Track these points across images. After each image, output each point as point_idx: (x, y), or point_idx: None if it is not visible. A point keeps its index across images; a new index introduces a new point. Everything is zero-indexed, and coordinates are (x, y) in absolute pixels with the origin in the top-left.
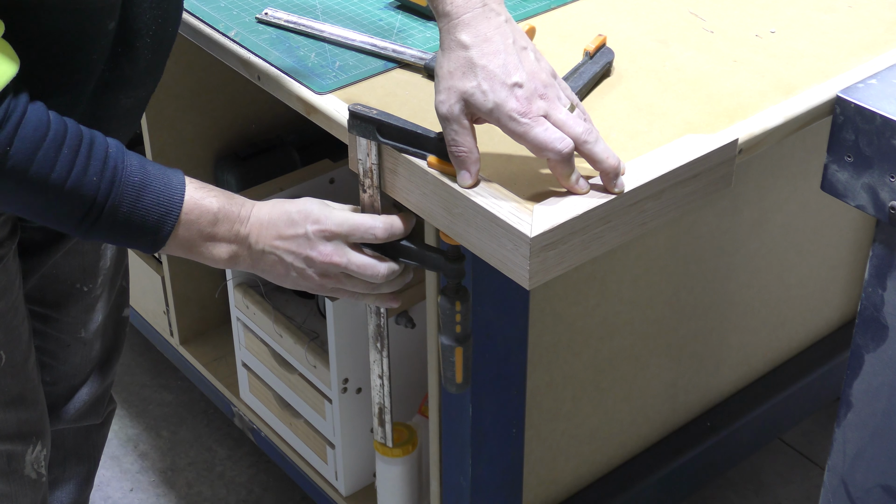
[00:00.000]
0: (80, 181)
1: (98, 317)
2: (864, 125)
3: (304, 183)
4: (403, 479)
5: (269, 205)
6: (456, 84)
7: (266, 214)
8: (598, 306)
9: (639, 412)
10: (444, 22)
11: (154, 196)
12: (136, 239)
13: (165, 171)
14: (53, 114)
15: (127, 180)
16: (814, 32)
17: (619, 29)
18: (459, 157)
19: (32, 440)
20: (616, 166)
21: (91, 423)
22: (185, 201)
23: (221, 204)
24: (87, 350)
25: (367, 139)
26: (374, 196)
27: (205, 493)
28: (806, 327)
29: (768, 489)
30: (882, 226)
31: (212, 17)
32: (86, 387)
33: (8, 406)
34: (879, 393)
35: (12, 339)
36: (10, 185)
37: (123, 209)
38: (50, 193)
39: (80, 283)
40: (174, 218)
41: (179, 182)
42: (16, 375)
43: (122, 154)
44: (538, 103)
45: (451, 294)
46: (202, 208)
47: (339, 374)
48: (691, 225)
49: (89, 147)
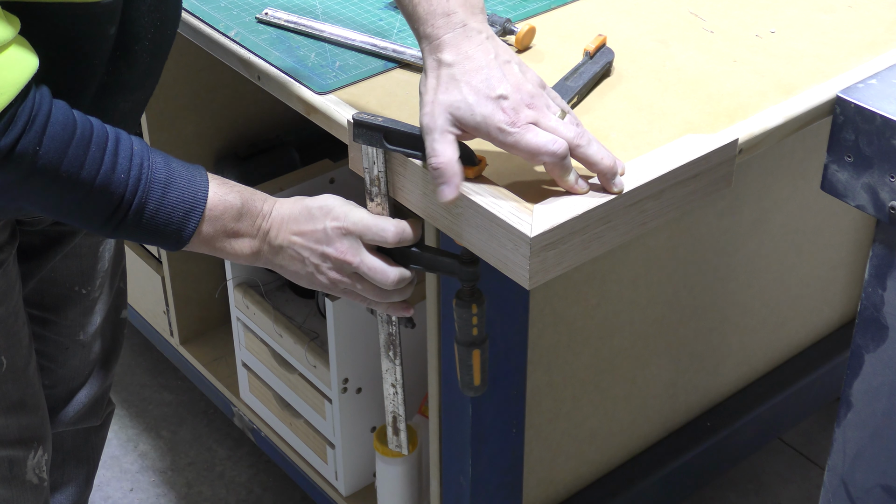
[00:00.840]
0: (108, 179)
1: (97, 319)
2: (864, 125)
3: (304, 183)
4: (403, 479)
5: (291, 201)
6: (440, 97)
7: (287, 210)
8: (598, 306)
9: (639, 412)
10: (425, 44)
11: (179, 193)
12: (162, 236)
13: (189, 168)
14: (77, 111)
15: (153, 177)
16: (814, 32)
17: (619, 29)
18: (435, 167)
19: (34, 445)
20: (612, 166)
21: (90, 425)
22: (209, 198)
23: (244, 199)
24: (85, 352)
25: (374, 147)
26: (382, 204)
27: (205, 493)
28: (806, 327)
29: (768, 489)
30: (882, 226)
31: (212, 17)
32: (84, 389)
33: (9, 411)
34: (879, 393)
35: (13, 344)
36: (41, 184)
37: (150, 206)
38: (79, 192)
39: (78, 286)
40: (199, 214)
41: (203, 179)
42: (17, 381)
43: (146, 151)
44: (525, 112)
45: (468, 297)
46: (226, 204)
47: (339, 374)
48: (691, 225)
49: (115, 144)
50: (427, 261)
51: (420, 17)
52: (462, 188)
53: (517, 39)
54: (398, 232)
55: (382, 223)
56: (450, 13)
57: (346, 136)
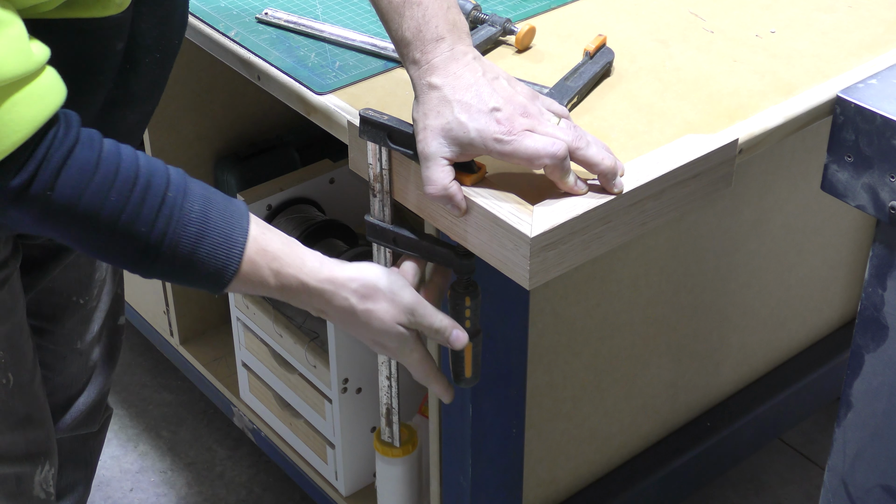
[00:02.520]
0: (128, 228)
1: (94, 327)
2: (864, 125)
3: (304, 183)
4: (403, 479)
5: (343, 268)
6: (431, 123)
7: (340, 273)
8: (598, 306)
9: (639, 412)
10: (413, 69)
11: (211, 248)
12: (198, 283)
13: (229, 218)
14: (108, 150)
15: (183, 229)
16: (814, 32)
17: (619, 29)
18: (430, 196)
19: (41, 460)
20: (612, 167)
21: (88, 431)
22: (245, 254)
23: (283, 250)
24: (83, 361)
25: (378, 144)
26: (384, 201)
27: (205, 493)
28: (806, 327)
29: (768, 489)
30: (882, 226)
31: (212, 17)
32: (82, 397)
33: (16, 427)
34: (879, 393)
35: (18, 360)
36: (58, 224)
37: (182, 252)
38: (101, 235)
39: (76, 296)
40: (235, 265)
41: (242, 231)
42: (23, 396)
43: (180, 196)
44: (520, 120)
45: (462, 289)
46: (260, 276)
47: (339, 374)
48: (691, 225)
49: (144, 189)
50: (425, 250)
51: (408, 42)
52: (463, 191)
53: (517, 39)
54: (455, 340)
55: (442, 323)
56: (438, 38)
57: (346, 136)
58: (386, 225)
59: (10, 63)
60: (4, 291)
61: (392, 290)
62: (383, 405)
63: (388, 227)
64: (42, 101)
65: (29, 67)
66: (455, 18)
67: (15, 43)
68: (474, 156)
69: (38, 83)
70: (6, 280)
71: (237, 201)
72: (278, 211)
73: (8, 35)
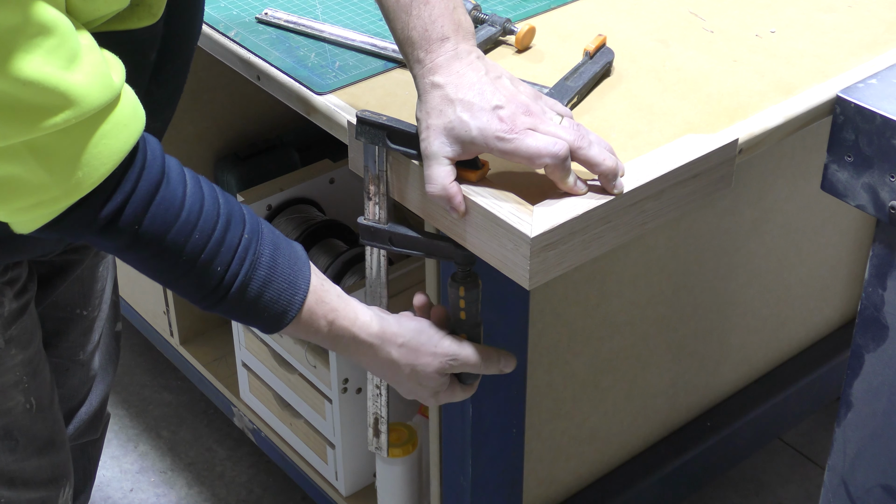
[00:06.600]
0: (206, 267)
1: (95, 337)
2: (864, 125)
3: (304, 183)
4: (403, 479)
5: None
6: (434, 122)
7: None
8: (598, 306)
9: (639, 412)
10: (417, 69)
11: (276, 293)
12: (255, 323)
13: (293, 264)
14: (192, 186)
15: (254, 272)
16: (814, 32)
17: (619, 29)
18: (430, 195)
19: (63, 482)
20: (613, 168)
21: (89, 439)
22: (305, 302)
23: (338, 302)
24: (84, 371)
25: (376, 145)
26: (380, 203)
27: (205, 493)
28: (806, 327)
29: (768, 489)
30: (882, 226)
31: (212, 17)
32: (84, 406)
33: (42, 452)
34: (879, 393)
35: (40, 384)
36: (139, 257)
37: (250, 295)
38: (178, 271)
39: (79, 309)
40: (295, 311)
41: (305, 279)
42: (45, 420)
43: (255, 240)
44: (522, 119)
45: (458, 280)
46: (323, 303)
47: (339, 374)
48: (691, 225)
49: (224, 230)
50: (424, 245)
51: (414, 41)
52: (463, 190)
53: (517, 39)
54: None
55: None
56: (443, 38)
57: (346, 136)
58: (381, 225)
59: (94, 93)
60: (26, 317)
61: (433, 342)
62: (371, 414)
63: (383, 227)
64: (127, 129)
65: (112, 95)
66: (460, 18)
67: (97, 68)
68: (477, 154)
69: (121, 111)
70: (28, 304)
71: (296, 244)
72: (278, 211)
73: (91, 62)
